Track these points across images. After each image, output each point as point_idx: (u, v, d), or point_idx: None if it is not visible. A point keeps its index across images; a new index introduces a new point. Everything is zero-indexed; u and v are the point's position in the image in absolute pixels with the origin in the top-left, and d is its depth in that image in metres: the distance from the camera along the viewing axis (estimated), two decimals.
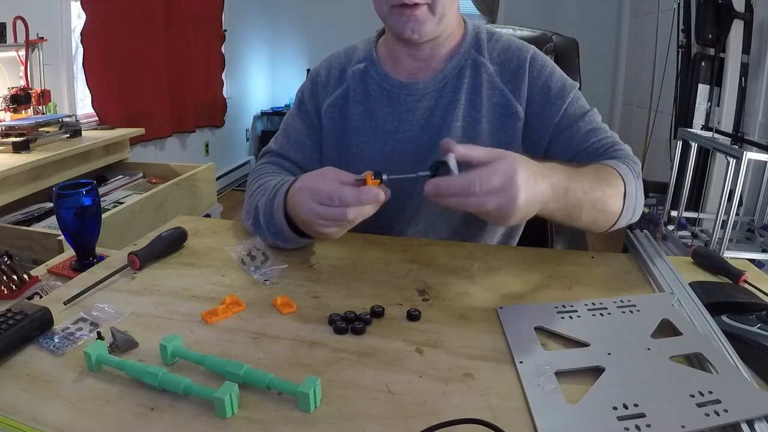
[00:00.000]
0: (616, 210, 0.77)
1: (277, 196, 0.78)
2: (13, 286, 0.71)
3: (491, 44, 0.93)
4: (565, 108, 0.88)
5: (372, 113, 0.93)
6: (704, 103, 2.75)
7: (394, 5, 0.82)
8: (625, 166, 0.81)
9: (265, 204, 0.80)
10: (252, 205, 0.85)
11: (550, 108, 0.88)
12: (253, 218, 0.83)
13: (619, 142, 0.88)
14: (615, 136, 0.89)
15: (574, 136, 0.88)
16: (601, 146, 0.86)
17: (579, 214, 0.73)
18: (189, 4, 3.52)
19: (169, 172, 2.30)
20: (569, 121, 0.88)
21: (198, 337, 0.59)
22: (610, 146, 0.86)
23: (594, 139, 0.87)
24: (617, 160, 0.82)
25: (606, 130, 0.89)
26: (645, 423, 0.44)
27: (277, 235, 0.79)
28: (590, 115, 0.89)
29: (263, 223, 0.80)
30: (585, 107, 0.90)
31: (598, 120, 0.90)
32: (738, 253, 2.10)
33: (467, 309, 0.65)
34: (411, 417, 0.47)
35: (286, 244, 0.80)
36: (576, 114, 0.89)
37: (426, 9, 0.82)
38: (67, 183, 0.78)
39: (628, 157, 0.85)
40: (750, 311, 0.62)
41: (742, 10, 2.53)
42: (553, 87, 0.89)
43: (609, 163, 0.80)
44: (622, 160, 0.83)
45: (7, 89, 2.07)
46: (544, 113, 0.89)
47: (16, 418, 0.46)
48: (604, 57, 4.37)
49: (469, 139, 0.90)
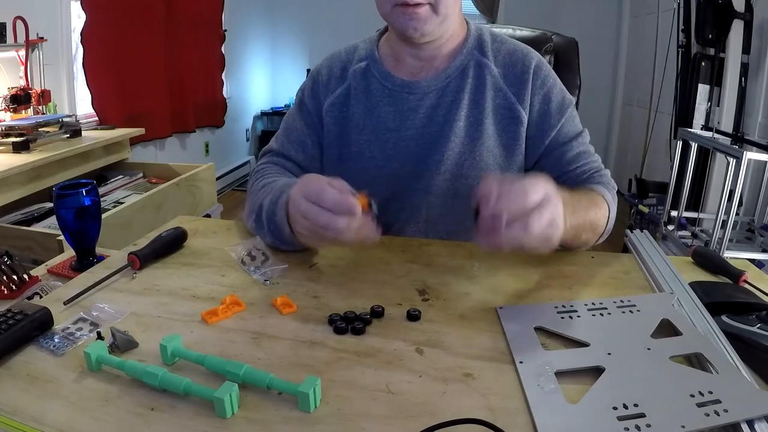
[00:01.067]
0: (598, 234, 0.83)
1: (282, 195, 0.77)
2: (13, 286, 0.71)
3: (495, 46, 0.93)
4: (561, 125, 0.91)
5: (374, 112, 0.93)
6: (704, 103, 2.75)
7: (397, 4, 0.82)
8: (609, 193, 0.86)
9: (270, 202, 0.79)
10: (256, 203, 0.84)
11: (548, 121, 0.91)
12: (256, 216, 0.83)
13: (602, 167, 0.93)
14: (599, 161, 0.93)
15: (564, 155, 0.91)
16: (588, 170, 0.91)
17: (573, 243, 0.78)
18: (189, 4, 3.52)
19: (169, 172, 2.30)
20: (563, 139, 0.91)
21: (198, 337, 0.59)
22: (596, 171, 0.91)
23: (582, 161, 0.91)
24: (603, 187, 0.87)
25: (592, 153, 0.93)
26: (645, 423, 0.44)
27: (277, 235, 0.79)
28: (582, 136, 0.92)
29: (265, 221, 0.80)
30: (578, 128, 0.93)
31: (587, 142, 0.93)
32: (738, 253, 2.09)
33: (467, 309, 0.65)
34: (411, 417, 0.47)
35: (285, 245, 0.80)
36: (570, 134, 0.91)
37: (429, 8, 0.82)
38: (67, 183, 0.77)
39: (610, 183, 0.90)
40: (750, 311, 0.62)
41: (742, 10, 2.52)
42: (553, 99, 0.91)
43: (598, 190, 0.85)
44: (607, 186, 0.88)
45: (7, 89, 2.07)
46: (542, 124, 0.91)
47: (16, 418, 0.46)
48: (604, 57, 4.37)
49: (471, 138, 0.90)
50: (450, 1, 0.82)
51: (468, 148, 0.90)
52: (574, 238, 0.76)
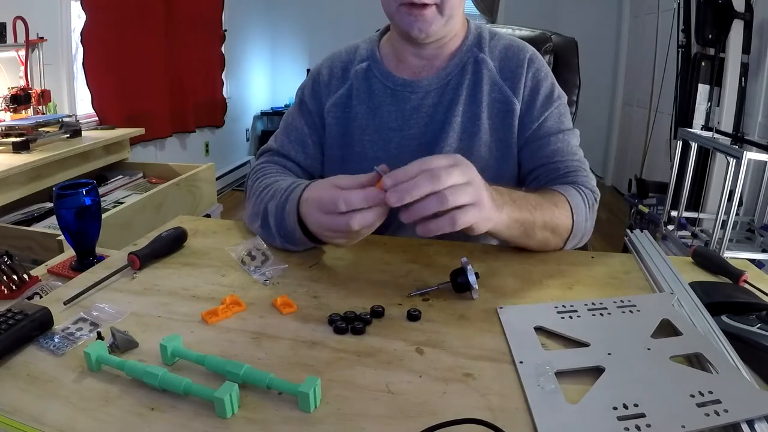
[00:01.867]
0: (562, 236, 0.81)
1: (289, 201, 0.76)
2: (13, 286, 0.71)
3: (493, 42, 0.94)
4: (545, 118, 0.90)
5: (376, 112, 0.93)
6: (704, 103, 2.75)
7: (403, 3, 0.82)
8: (578, 195, 0.83)
9: (276, 207, 0.78)
10: (260, 207, 0.83)
11: (532, 112, 0.90)
12: (262, 220, 0.82)
13: (584, 169, 0.90)
14: (583, 163, 0.90)
15: (541, 149, 0.90)
16: (563, 168, 0.88)
17: (526, 241, 0.77)
18: (189, 4, 3.52)
19: (169, 172, 2.30)
20: (544, 132, 0.90)
21: (198, 337, 0.59)
22: (573, 171, 0.88)
23: (558, 158, 0.89)
24: (572, 188, 0.84)
25: (575, 153, 0.90)
26: (645, 423, 0.44)
27: (288, 239, 0.78)
28: (566, 134, 0.91)
29: (273, 226, 0.79)
30: (564, 125, 0.91)
31: (572, 142, 0.91)
32: (738, 253, 2.09)
33: (467, 309, 0.65)
34: (411, 417, 0.47)
35: (296, 247, 0.79)
36: (552, 128, 0.90)
37: (434, 9, 0.82)
38: (67, 183, 0.77)
39: (586, 186, 0.87)
40: (750, 311, 0.62)
41: (742, 10, 2.53)
42: (541, 92, 0.90)
43: (561, 190, 0.83)
44: (579, 188, 0.85)
45: (7, 89, 2.07)
46: (527, 115, 0.91)
47: (16, 418, 0.46)
48: (604, 57, 4.37)
49: (469, 134, 0.90)
50: (455, 3, 0.83)
51: (466, 143, 0.90)
52: (523, 233, 0.75)
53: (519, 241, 0.77)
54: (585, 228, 0.84)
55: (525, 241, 0.77)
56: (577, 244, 0.85)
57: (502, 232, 0.72)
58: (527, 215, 0.74)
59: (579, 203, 0.82)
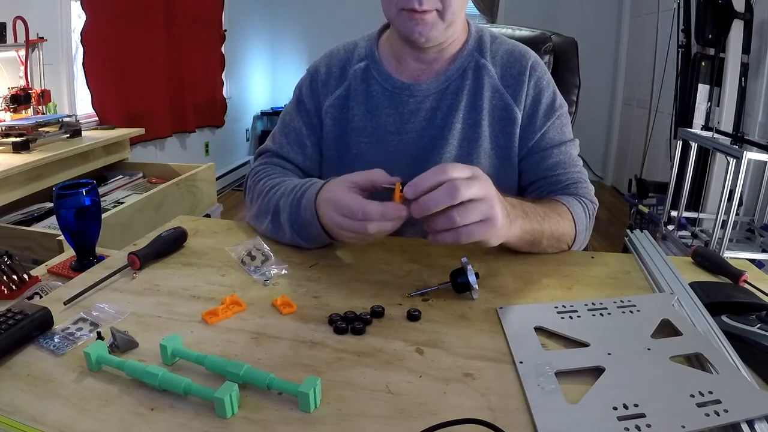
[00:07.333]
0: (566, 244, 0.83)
1: (305, 197, 0.77)
2: (13, 286, 0.71)
3: (494, 47, 0.93)
4: (546, 129, 0.90)
5: (374, 114, 0.93)
6: (704, 103, 2.75)
7: (404, 8, 0.81)
8: (580, 206, 0.86)
9: (290, 203, 0.79)
10: (269, 205, 0.83)
11: (534, 122, 0.90)
12: (272, 217, 0.82)
13: (584, 181, 0.91)
14: (583, 174, 0.92)
15: (544, 160, 0.91)
16: (565, 180, 0.90)
17: (531, 249, 0.79)
18: (189, 4, 3.52)
19: (169, 172, 2.30)
20: (546, 144, 0.91)
21: (198, 337, 0.59)
22: (573, 182, 0.90)
23: (560, 170, 0.90)
24: (575, 199, 0.87)
25: (575, 164, 0.92)
26: (645, 423, 0.44)
27: (302, 233, 0.79)
28: (567, 145, 0.91)
29: (286, 221, 0.79)
30: (565, 135, 0.92)
31: (573, 153, 0.92)
32: (738, 253, 2.09)
33: (467, 309, 0.65)
34: (411, 417, 0.47)
35: (308, 242, 0.80)
36: (554, 140, 0.91)
37: (435, 14, 0.81)
38: (67, 183, 0.77)
39: (586, 197, 0.89)
40: (750, 311, 0.62)
41: (742, 10, 2.52)
42: (543, 102, 0.90)
43: (564, 201, 0.85)
44: (581, 199, 0.88)
45: (7, 89, 2.07)
46: (529, 125, 0.91)
47: (16, 418, 0.46)
48: (604, 57, 4.37)
49: (469, 141, 0.90)
50: (456, 8, 0.82)
51: (465, 150, 0.90)
52: (531, 243, 0.77)
53: (525, 249, 0.79)
54: (585, 237, 0.87)
55: (530, 249, 0.79)
56: (579, 248, 0.87)
57: (512, 243, 0.74)
58: (537, 227, 0.76)
59: (581, 214, 0.85)
